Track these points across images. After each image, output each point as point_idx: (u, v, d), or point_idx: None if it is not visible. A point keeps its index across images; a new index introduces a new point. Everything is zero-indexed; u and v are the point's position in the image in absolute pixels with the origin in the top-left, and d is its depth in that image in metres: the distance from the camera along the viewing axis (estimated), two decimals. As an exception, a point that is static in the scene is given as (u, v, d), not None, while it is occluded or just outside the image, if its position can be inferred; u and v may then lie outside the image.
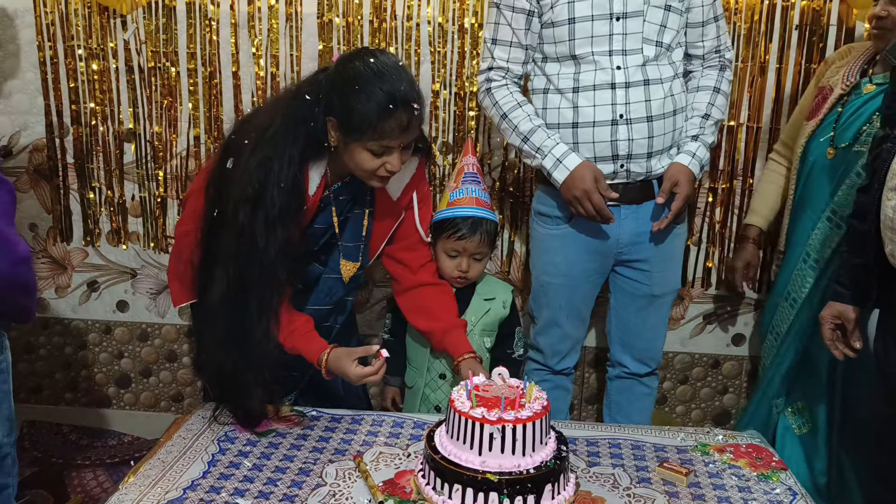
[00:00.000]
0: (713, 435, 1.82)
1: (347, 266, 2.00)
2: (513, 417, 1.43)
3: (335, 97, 1.74)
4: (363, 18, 2.48)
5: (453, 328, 2.03)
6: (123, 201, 2.72)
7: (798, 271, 2.19)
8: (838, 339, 1.88)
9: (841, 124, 2.08)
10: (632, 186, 2.07)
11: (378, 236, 2.03)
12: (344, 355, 1.80)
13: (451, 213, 2.11)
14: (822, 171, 2.12)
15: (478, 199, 2.11)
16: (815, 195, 2.13)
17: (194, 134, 2.63)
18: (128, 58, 2.59)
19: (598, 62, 2.00)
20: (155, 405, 2.95)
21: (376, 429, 1.81)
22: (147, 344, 2.88)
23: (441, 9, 2.45)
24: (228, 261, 1.74)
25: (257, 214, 1.73)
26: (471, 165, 2.15)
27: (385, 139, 1.73)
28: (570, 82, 2.04)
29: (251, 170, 1.73)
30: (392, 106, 1.69)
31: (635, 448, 1.75)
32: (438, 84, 2.51)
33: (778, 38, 2.44)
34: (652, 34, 2.00)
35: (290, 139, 1.76)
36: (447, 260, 2.13)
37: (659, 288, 2.19)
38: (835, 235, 2.07)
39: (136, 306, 2.84)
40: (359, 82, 1.71)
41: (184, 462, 1.63)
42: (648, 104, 2.01)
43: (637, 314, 2.23)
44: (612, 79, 2.00)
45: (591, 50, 2.00)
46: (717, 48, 2.11)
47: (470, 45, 2.47)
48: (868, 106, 2.04)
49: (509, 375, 1.60)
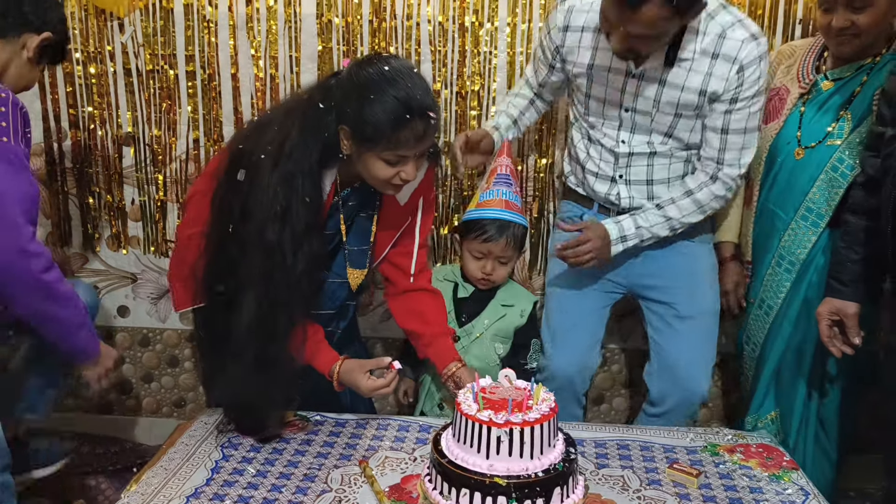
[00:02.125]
0: (722, 435, 1.80)
1: (355, 274, 1.98)
2: (520, 420, 1.40)
3: (348, 106, 1.70)
4: (363, 18, 2.45)
5: (441, 335, 2.01)
6: (123, 206, 2.70)
7: (771, 277, 2.15)
8: (836, 336, 1.86)
9: (806, 123, 2.06)
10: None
11: (383, 240, 2.00)
12: (356, 367, 1.77)
13: (479, 214, 2.09)
14: (790, 173, 2.08)
15: (507, 201, 2.08)
16: (785, 197, 2.09)
17: (193, 137, 2.61)
18: (125, 61, 2.56)
19: (606, 133, 2.04)
20: (157, 411, 2.93)
21: (381, 433, 1.79)
22: (148, 349, 2.86)
23: (441, 7, 2.43)
24: (259, 283, 1.69)
25: (285, 232, 1.69)
26: (504, 167, 2.12)
27: (400, 149, 1.69)
28: (584, 132, 2.10)
29: (274, 186, 1.68)
30: (408, 115, 1.65)
31: (644, 449, 1.73)
32: (439, 83, 2.49)
33: (781, 32, 2.41)
34: (661, 129, 2.00)
35: (308, 151, 1.72)
36: (472, 261, 2.11)
37: (685, 308, 2.14)
38: (811, 234, 2.04)
39: (137, 311, 2.82)
40: (372, 90, 1.66)
41: (187, 469, 1.61)
42: (650, 168, 2.03)
43: (672, 338, 2.15)
44: (615, 148, 2.03)
45: (602, 120, 2.04)
46: (718, 160, 1.99)
47: (471, 43, 2.45)
48: (832, 102, 2.03)
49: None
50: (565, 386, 2.15)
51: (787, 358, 2.15)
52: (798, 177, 2.06)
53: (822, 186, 2.01)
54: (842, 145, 1.97)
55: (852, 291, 1.80)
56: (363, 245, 1.98)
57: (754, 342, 2.24)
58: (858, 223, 1.78)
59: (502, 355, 2.15)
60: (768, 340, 2.18)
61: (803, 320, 2.09)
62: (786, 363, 2.16)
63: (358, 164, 1.77)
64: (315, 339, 1.83)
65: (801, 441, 2.15)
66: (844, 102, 2.00)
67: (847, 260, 1.80)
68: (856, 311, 1.81)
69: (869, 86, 1.96)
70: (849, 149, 1.96)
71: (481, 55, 2.44)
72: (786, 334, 2.14)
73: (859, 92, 1.98)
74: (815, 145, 2.02)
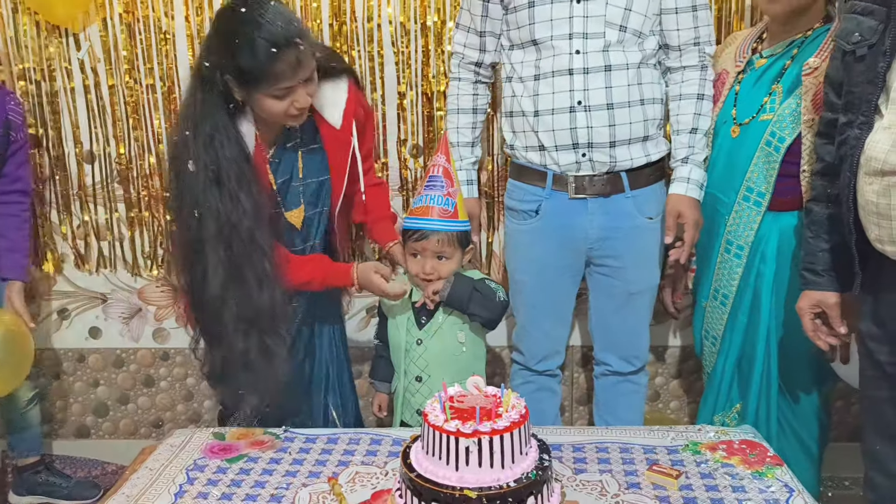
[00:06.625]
0: (704, 432, 1.75)
1: (294, 214, 2.02)
2: (489, 429, 1.35)
3: (222, 58, 1.77)
4: (322, 22, 2.40)
5: (381, 219, 2.18)
6: (88, 224, 2.64)
7: (721, 265, 2.11)
8: (820, 329, 1.82)
9: (740, 101, 2.03)
10: (598, 178, 2.01)
11: (338, 172, 2.03)
12: (370, 269, 2.00)
13: (409, 224, 2.04)
14: (729, 153, 2.05)
15: (439, 209, 2.01)
16: (726, 179, 2.06)
17: (157, 151, 2.55)
18: (84, 77, 2.51)
19: (557, 47, 1.94)
20: (135, 432, 2.87)
21: (353, 447, 1.73)
22: (123, 370, 2.80)
23: (402, 7, 2.38)
24: (215, 246, 1.81)
25: (222, 193, 1.78)
26: (437, 167, 2.06)
27: (281, 83, 1.77)
28: (532, 69, 1.99)
29: (200, 152, 1.78)
30: (274, 50, 1.71)
31: (624, 451, 1.68)
32: (404, 85, 2.44)
33: (749, 18, 2.38)
34: (615, 18, 1.92)
35: (214, 107, 1.80)
36: (413, 262, 2.06)
37: (635, 285, 2.12)
38: (755, 215, 2.00)
39: (108, 332, 2.75)
40: (237, 36, 1.74)
41: (150, 495, 1.55)
42: (609, 91, 1.94)
43: (616, 312, 2.15)
44: (570, 64, 1.94)
45: (550, 34, 1.94)
46: (696, 41, 2.01)
47: (434, 43, 2.40)
48: (765, 77, 2.00)
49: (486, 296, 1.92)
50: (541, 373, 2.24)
51: (746, 350, 2.11)
52: (736, 156, 2.03)
53: (758, 164, 1.97)
54: (773, 119, 1.94)
55: (829, 281, 1.75)
56: (320, 177, 2.03)
57: (713, 335, 2.19)
58: (822, 211, 1.74)
59: (464, 341, 2.09)
60: (726, 332, 2.14)
61: (755, 311, 2.06)
62: (745, 354, 2.12)
63: (254, 107, 1.85)
64: (323, 260, 2.02)
65: (776, 436, 2.10)
66: (776, 76, 1.98)
67: (818, 250, 1.76)
68: (836, 301, 1.76)
69: (798, 59, 1.94)
70: (780, 122, 1.94)
71: (445, 54, 2.39)
72: (742, 325, 2.09)
73: (790, 65, 1.96)
74: (749, 121, 2.00)
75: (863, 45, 1.56)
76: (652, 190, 2.08)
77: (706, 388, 2.27)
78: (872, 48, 1.54)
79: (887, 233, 1.53)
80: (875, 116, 1.55)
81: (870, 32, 1.54)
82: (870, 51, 1.55)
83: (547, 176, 2.04)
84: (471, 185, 2.23)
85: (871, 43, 1.54)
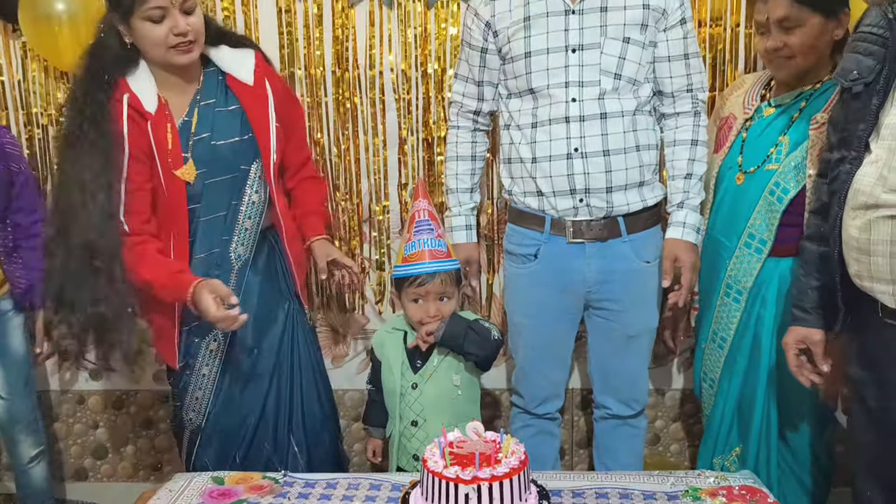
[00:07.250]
0: (704, 478, 1.75)
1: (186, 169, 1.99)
2: (488, 475, 1.36)
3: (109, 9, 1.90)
4: (325, 70, 2.45)
5: (311, 213, 2.21)
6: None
7: (721, 308, 2.13)
8: (804, 366, 1.82)
9: (747, 149, 2.06)
10: (595, 223, 2.04)
11: (261, 128, 2.04)
12: (206, 288, 1.87)
13: (406, 271, 2.05)
14: (733, 199, 2.08)
15: (431, 251, 2.04)
16: (729, 224, 2.08)
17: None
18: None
19: (554, 95, 1.99)
20: (134, 475, 2.85)
21: (352, 492, 1.73)
22: (122, 412, 2.79)
23: (403, 55, 2.43)
24: (59, 208, 1.94)
25: (75, 154, 1.88)
26: (422, 212, 2.09)
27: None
28: (529, 117, 2.03)
29: (67, 124, 1.92)
30: None
31: (623, 497, 1.67)
32: (405, 130, 2.48)
33: (743, 66, 2.42)
34: (610, 66, 1.97)
35: (93, 70, 1.91)
36: (414, 308, 2.07)
37: (633, 328, 2.13)
38: (755, 262, 2.02)
39: (109, 374, 2.75)
40: None
41: (148, 541, 1.55)
42: (605, 138, 1.98)
43: (615, 355, 2.16)
44: (566, 112, 1.98)
45: (547, 83, 1.98)
46: (689, 87, 2.06)
47: (434, 90, 2.44)
48: (773, 127, 2.03)
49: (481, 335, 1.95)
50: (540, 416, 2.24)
51: (745, 393, 2.11)
52: (740, 203, 2.05)
53: (762, 212, 2.00)
54: (779, 170, 1.97)
55: (816, 318, 1.77)
56: (243, 136, 2.03)
57: (711, 378, 2.20)
58: (815, 250, 1.76)
59: (459, 384, 2.10)
60: (724, 375, 2.15)
61: (756, 354, 2.06)
62: (744, 398, 2.12)
63: (138, 43, 1.90)
64: (164, 269, 1.94)
65: (777, 480, 2.09)
66: (784, 127, 2.01)
67: (808, 287, 1.78)
68: (821, 338, 1.78)
69: (807, 111, 1.97)
70: (784, 173, 1.96)
71: (445, 101, 2.44)
72: (741, 368, 2.10)
73: (797, 117, 1.99)
74: (755, 170, 2.03)
75: (859, 82, 1.59)
76: (649, 234, 2.10)
77: (706, 431, 2.27)
78: (868, 86, 1.58)
79: (866, 268, 1.55)
80: (865, 153, 1.58)
81: (867, 71, 1.58)
82: (865, 88, 1.59)
83: (545, 220, 2.07)
84: (469, 230, 2.25)
85: (867, 81, 1.58)
